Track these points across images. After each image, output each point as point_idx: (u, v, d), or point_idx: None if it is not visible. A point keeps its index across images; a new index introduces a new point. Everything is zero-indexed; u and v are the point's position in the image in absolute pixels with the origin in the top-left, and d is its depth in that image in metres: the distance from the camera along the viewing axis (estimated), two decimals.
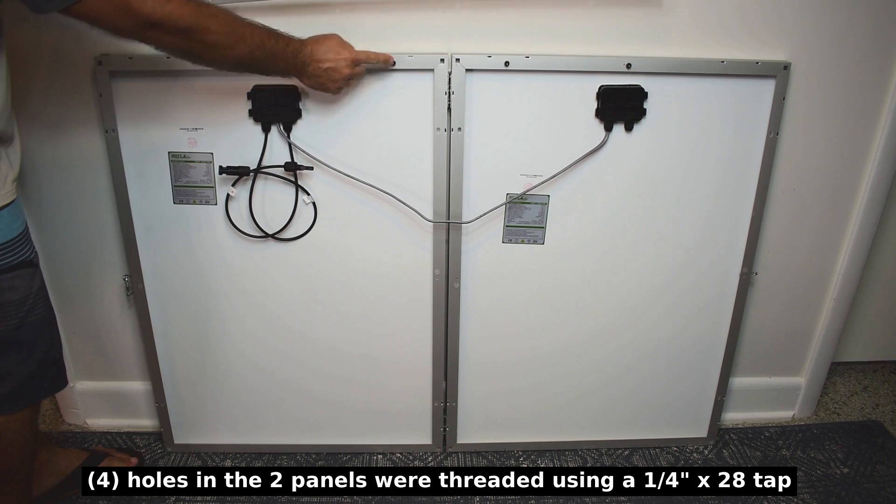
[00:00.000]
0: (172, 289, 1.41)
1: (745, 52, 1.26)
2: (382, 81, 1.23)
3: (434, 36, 1.23)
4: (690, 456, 1.59)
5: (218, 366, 1.49)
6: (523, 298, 1.44)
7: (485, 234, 1.37)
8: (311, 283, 1.40)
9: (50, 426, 1.64)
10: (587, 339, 1.48)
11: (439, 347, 1.46)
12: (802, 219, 1.45)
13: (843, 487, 1.50)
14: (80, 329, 1.53)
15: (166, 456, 1.56)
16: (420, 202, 1.32)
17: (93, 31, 0.92)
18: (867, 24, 1.25)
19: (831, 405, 1.78)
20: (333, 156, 1.29)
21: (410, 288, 1.41)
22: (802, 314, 1.59)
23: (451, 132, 1.27)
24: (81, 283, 1.46)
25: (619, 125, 1.28)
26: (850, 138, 1.37)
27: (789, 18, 1.24)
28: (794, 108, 1.31)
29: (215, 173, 1.30)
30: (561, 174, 1.31)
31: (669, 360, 1.52)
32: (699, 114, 1.28)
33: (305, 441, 1.57)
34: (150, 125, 1.26)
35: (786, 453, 1.59)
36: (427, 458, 1.57)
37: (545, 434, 1.59)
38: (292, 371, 1.49)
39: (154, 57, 1.20)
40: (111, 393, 1.61)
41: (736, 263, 1.43)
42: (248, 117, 1.25)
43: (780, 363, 1.65)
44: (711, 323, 1.49)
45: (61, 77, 1.24)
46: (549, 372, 1.52)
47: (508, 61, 1.22)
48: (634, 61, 1.23)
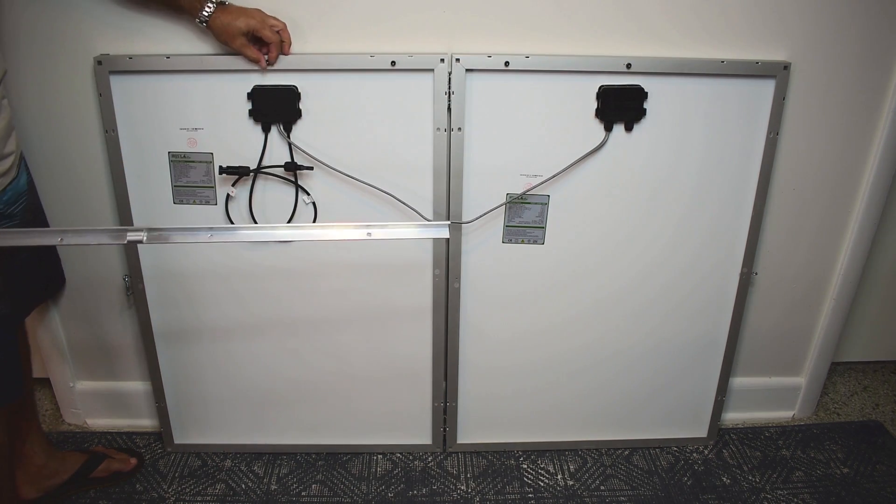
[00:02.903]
0: (172, 289, 1.41)
1: (745, 52, 1.26)
2: (382, 81, 1.23)
3: (434, 36, 1.23)
4: (690, 456, 1.59)
5: (218, 366, 1.49)
6: (523, 298, 1.44)
7: (485, 234, 1.37)
8: (310, 284, 1.40)
9: (50, 426, 1.64)
10: (587, 338, 1.49)
11: (439, 347, 1.46)
12: (802, 219, 1.45)
13: (843, 487, 1.50)
14: (80, 329, 1.53)
15: (166, 456, 1.56)
16: (420, 202, 1.32)
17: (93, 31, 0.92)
18: (867, 24, 1.25)
19: (831, 405, 1.78)
20: (333, 156, 1.29)
21: (410, 288, 1.41)
22: (802, 314, 1.59)
23: (451, 132, 1.27)
24: (81, 283, 1.46)
25: (619, 125, 1.28)
26: (850, 138, 1.37)
27: (789, 18, 1.24)
28: (794, 108, 1.31)
29: (215, 173, 1.30)
30: (561, 174, 1.31)
31: (669, 359, 1.52)
32: (699, 114, 1.28)
33: (305, 441, 1.57)
34: (150, 125, 1.26)
35: (786, 453, 1.59)
36: (427, 458, 1.57)
37: (545, 434, 1.59)
38: (292, 371, 1.49)
39: (154, 57, 1.21)
40: (111, 393, 1.61)
41: (736, 263, 1.43)
42: (248, 117, 1.25)
43: (780, 363, 1.65)
44: (711, 323, 1.49)
45: (61, 77, 1.24)
46: (550, 372, 1.52)
47: (508, 61, 1.22)
48: (634, 61, 1.23)
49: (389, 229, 1.04)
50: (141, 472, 1.50)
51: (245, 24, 1.13)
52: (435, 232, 1.08)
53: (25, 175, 1.18)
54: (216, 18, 1.13)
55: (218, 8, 1.13)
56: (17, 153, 1.14)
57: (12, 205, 1.13)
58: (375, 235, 1.02)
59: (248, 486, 1.47)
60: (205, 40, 1.21)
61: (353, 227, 1.03)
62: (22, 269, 1.22)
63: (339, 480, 1.50)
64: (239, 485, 1.48)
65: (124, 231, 0.99)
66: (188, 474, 1.51)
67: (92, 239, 1.01)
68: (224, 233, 1.03)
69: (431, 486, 1.49)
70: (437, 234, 1.09)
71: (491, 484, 1.49)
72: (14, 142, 1.12)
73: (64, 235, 0.99)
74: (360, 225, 1.03)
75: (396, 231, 1.05)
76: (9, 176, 1.11)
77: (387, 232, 1.04)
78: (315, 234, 1.07)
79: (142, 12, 1.19)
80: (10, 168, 1.11)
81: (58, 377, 1.60)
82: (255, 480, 1.49)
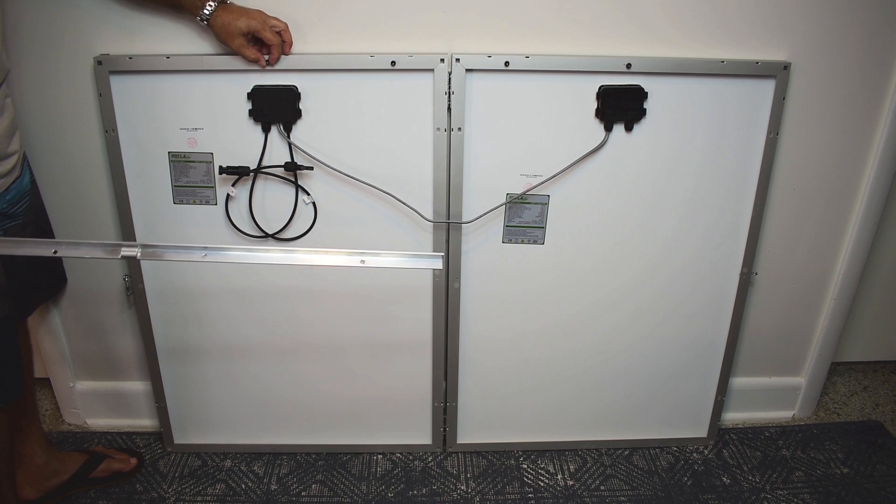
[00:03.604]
0: (172, 289, 1.41)
1: (745, 52, 1.26)
2: (382, 81, 1.23)
3: (434, 36, 1.23)
4: (690, 456, 1.59)
5: (218, 365, 1.49)
6: (523, 298, 1.44)
7: (485, 234, 1.37)
8: (310, 284, 1.40)
9: (50, 426, 1.64)
10: (587, 338, 1.49)
11: (439, 347, 1.46)
12: (802, 219, 1.45)
13: (843, 487, 1.50)
14: (80, 329, 1.53)
15: (166, 456, 1.56)
16: (420, 202, 1.32)
17: (93, 31, 0.92)
18: (867, 24, 1.25)
19: (831, 405, 1.78)
20: (333, 156, 1.29)
21: (410, 288, 1.41)
22: (802, 314, 1.59)
23: (451, 132, 1.27)
24: (82, 283, 1.46)
25: (619, 125, 1.28)
26: (850, 138, 1.37)
27: (789, 18, 1.24)
28: (794, 108, 1.31)
29: (215, 173, 1.30)
30: (561, 174, 1.31)
31: (670, 359, 1.52)
32: (699, 114, 1.28)
33: (305, 441, 1.57)
34: (150, 125, 1.26)
35: (786, 453, 1.59)
36: (427, 458, 1.57)
37: (545, 434, 1.59)
38: (292, 371, 1.49)
39: (154, 57, 1.21)
40: (111, 393, 1.61)
41: (736, 263, 1.43)
42: (248, 117, 1.25)
43: (780, 363, 1.65)
44: (711, 323, 1.49)
45: (61, 77, 1.24)
46: (549, 372, 1.52)
47: (508, 61, 1.22)
48: (634, 61, 1.23)
49: (382, 258, 1.05)
50: (141, 472, 1.50)
51: (246, 24, 1.13)
52: (428, 262, 1.08)
53: (29, 175, 1.18)
54: (217, 17, 1.13)
55: (219, 6, 1.13)
56: (21, 153, 1.14)
57: (15, 204, 1.13)
58: (369, 263, 1.04)
59: (248, 486, 1.47)
60: (205, 40, 1.21)
61: (346, 254, 1.05)
62: (24, 269, 1.22)
63: (339, 480, 1.50)
64: (239, 485, 1.48)
65: (119, 246, 0.99)
66: (188, 474, 1.51)
67: (86, 252, 1.01)
68: (218, 253, 1.03)
69: (431, 486, 1.49)
70: (429, 265, 1.09)
71: (491, 484, 1.49)
72: (18, 141, 1.12)
73: (58, 247, 0.99)
74: (354, 252, 1.04)
75: (389, 260, 1.06)
76: (12, 175, 1.11)
77: (380, 261, 1.05)
78: (309, 259, 1.08)
79: (142, 11, 1.19)
80: (13, 167, 1.11)
81: (58, 377, 1.60)
82: (255, 480, 1.49)
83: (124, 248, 0.99)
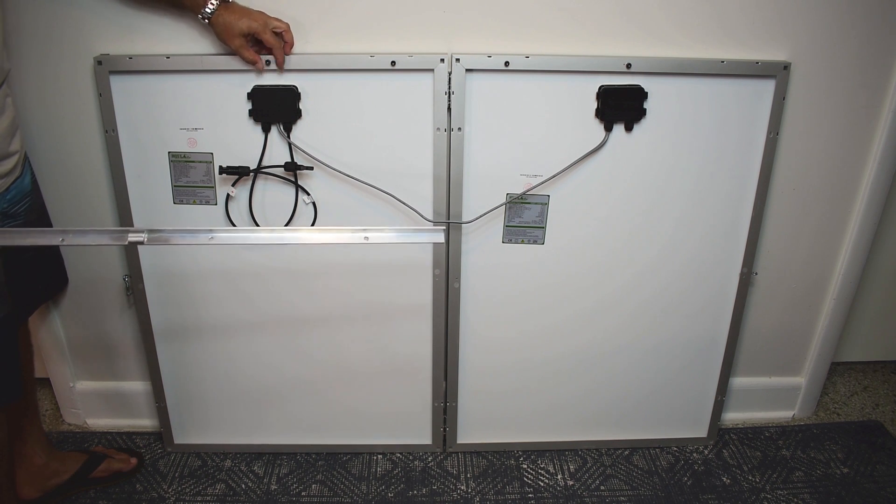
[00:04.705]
0: (172, 289, 1.41)
1: (745, 52, 1.26)
2: (382, 81, 1.23)
3: (434, 36, 1.23)
4: (690, 456, 1.59)
5: (218, 365, 1.49)
6: (523, 298, 1.44)
7: (485, 234, 1.37)
8: (310, 283, 1.40)
9: (50, 426, 1.64)
10: (587, 338, 1.49)
11: (439, 347, 1.46)
12: (802, 219, 1.45)
13: (843, 487, 1.50)
14: (80, 329, 1.53)
15: (166, 456, 1.56)
16: (420, 202, 1.32)
17: (93, 31, 0.92)
18: (867, 24, 1.25)
19: (831, 405, 1.78)
20: (333, 156, 1.29)
21: (410, 288, 1.41)
22: (802, 314, 1.59)
23: (451, 132, 1.27)
24: (82, 282, 1.46)
25: (619, 125, 1.28)
26: (850, 138, 1.37)
27: (789, 18, 1.24)
28: (794, 108, 1.31)
29: (215, 173, 1.30)
30: (561, 174, 1.31)
31: (669, 359, 1.52)
32: (699, 114, 1.28)
33: (305, 441, 1.57)
34: (150, 125, 1.26)
35: (786, 453, 1.59)
36: (427, 458, 1.57)
37: (545, 434, 1.59)
38: (293, 371, 1.49)
39: (154, 57, 1.21)
40: (111, 393, 1.61)
41: (736, 263, 1.43)
42: (248, 117, 1.25)
43: (780, 363, 1.65)
44: (711, 323, 1.49)
45: (61, 77, 1.24)
46: (550, 371, 1.52)
47: (508, 61, 1.22)
48: (634, 61, 1.23)
49: (386, 233, 1.05)
50: (141, 472, 1.50)
51: (247, 25, 1.13)
52: (430, 236, 1.08)
53: (30, 174, 1.18)
54: (219, 16, 1.13)
55: (221, 5, 1.13)
56: (22, 152, 1.14)
57: (16, 204, 1.13)
58: (373, 239, 1.03)
59: (248, 486, 1.48)
60: (205, 40, 1.21)
61: (350, 231, 1.04)
62: (27, 269, 1.22)
63: (339, 480, 1.50)
64: (239, 485, 1.48)
65: (125, 232, 1.00)
66: (188, 474, 1.51)
67: (93, 240, 1.01)
68: (224, 235, 1.03)
69: (431, 486, 1.49)
70: (432, 239, 1.09)
71: (491, 484, 1.49)
72: (18, 141, 1.12)
73: (65, 236, 0.99)
74: (357, 229, 1.04)
75: (393, 235, 1.06)
76: (13, 175, 1.11)
77: (383, 236, 1.05)
78: (313, 237, 1.09)
79: (143, 10, 1.19)
80: (14, 167, 1.11)
81: (58, 377, 1.60)
82: (255, 480, 1.49)
83: (131, 234, 0.99)
